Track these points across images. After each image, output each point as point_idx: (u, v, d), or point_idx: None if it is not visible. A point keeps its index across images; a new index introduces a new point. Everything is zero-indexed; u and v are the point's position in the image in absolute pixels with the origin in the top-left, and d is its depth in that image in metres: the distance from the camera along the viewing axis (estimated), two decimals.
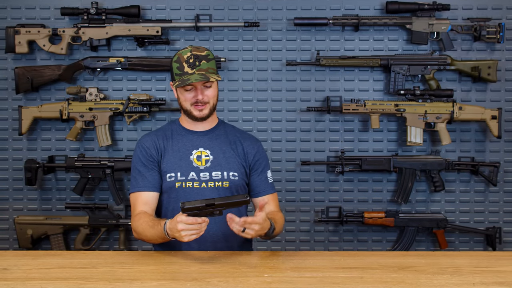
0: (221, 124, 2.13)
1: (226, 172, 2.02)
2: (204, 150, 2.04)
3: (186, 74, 1.95)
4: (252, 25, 2.98)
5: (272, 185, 2.12)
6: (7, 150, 3.13)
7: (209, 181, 2.00)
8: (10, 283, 1.58)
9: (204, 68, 1.95)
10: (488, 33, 2.97)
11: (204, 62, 1.96)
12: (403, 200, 3.04)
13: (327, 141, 3.11)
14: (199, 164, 2.02)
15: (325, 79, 3.09)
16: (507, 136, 3.09)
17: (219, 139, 2.07)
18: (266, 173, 2.11)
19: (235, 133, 2.12)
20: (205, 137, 2.06)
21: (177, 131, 2.08)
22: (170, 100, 3.09)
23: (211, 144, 2.05)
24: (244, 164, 2.07)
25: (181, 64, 1.96)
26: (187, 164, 2.01)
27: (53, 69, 3.02)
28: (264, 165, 2.11)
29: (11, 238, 3.15)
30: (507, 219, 3.12)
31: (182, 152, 2.03)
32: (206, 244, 1.97)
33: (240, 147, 2.08)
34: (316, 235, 3.14)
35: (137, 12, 2.98)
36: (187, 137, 2.06)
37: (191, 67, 1.94)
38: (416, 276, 1.65)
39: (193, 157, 2.02)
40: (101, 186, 3.11)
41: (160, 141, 2.05)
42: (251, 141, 2.12)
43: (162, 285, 1.57)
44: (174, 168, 2.01)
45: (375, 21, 2.99)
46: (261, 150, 2.13)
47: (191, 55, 1.96)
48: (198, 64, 1.94)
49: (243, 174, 2.06)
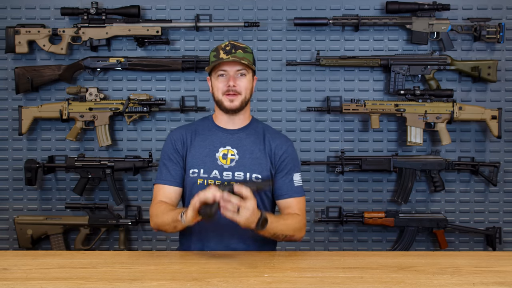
0: (254, 123, 2.09)
1: (249, 174, 1.98)
2: (231, 148, 2.01)
3: (220, 60, 1.94)
4: (252, 25, 2.98)
5: (298, 189, 2.03)
6: (7, 150, 3.13)
7: (231, 181, 1.96)
8: (10, 283, 1.58)
9: (239, 56, 1.94)
10: (488, 33, 2.97)
11: (241, 52, 1.96)
12: (403, 200, 3.04)
13: (327, 141, 3.11)
14: (224, 163, 1.99)
15: (325, 79, 3.09)
16: (507, 136, 3.09)
17: (249, 139, 2.03)
18: (291, 176, 2.02)
19: (267, 132, 2.07)
20: (235, 135, 2.03)
21: (207, 127, 2.07)
22: (170, 100, 3.09)
23: (239, 143, 2.02)
24: (271, 166, 2.01)
25: (218, 52, 1.96)
26: (212, 161, 1.99)
27: (53, 69, 3.02)
28: (290, 167, 2.03)
29: (11, 238, 3.15)
30: (507, 219, 3.12)
31: (208, 149, 2.01)
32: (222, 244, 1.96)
33: (268, 147, 2.03)
34: (316, 235, 3.14)
35: (137, 12, 2.98)
36: (216, 134, 2.04)
37: (226, 53, 1.94)
38: (416, 276, 1.64)
39: (218, 155, 2.00)
40: (101, 186, 3.11)
41: (188, 136, 2.04)
42: (281, 141, 2.06)
43: (162, 285, 1.57)
44: (198, 164, 1.99)
45: (375, 21, 2.99)
46: (290, 151, 2.05)
47: (228, 44, 1.97)
48: (234, 52, 1.94)
49: (268, 177, 2.00)
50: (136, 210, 3.06)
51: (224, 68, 1.95)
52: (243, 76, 1.97)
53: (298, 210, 2.01)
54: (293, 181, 2.02)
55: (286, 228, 1.89)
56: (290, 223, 1.92)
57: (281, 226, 1.87)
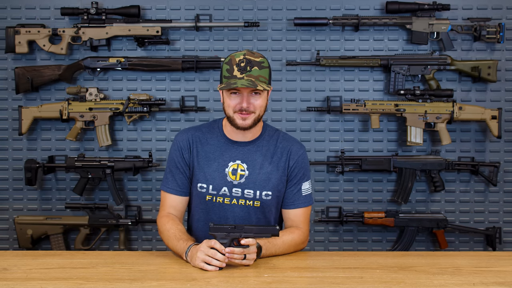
0: (265, 133, 2.00)
1: (259, 192, 1.94)
2: (241, 163, 1.95)
3: (234, 77, 1.83)
4: (252, 25, 2.98)
5: (306, 198, 2.00)
6: (7, 150, 3.13)
7: (240, 198, 1.94)
8: (10, 283, 1.58)
9: (254, 74, 1.83)
10: (488, 33, 2.97)
11: (256, 69, 1.83)
12: (403, 200, 3.04)
13: (327, 141, 3.11)
14: (233, 179, 1.94)
15: (325, 79, 3.09)
16: (507, 136, 3.09)
17: (259, 152, 1.97)
18: (300, 185, 1.99)
19: (279, 143, 2.00)
20: (245, 148, 1.97)
21: (216, 137, 1.99)
22: (170, 100, 3.09)
23: (249, 157, 1.96)
24: (282, 176, 1.97)
25: (231, 67, 1.84)
26: (221, 177, 1.94)
27: (53, 69, 3.01)
28: (300, 176, 1.99)
29: (11, 238, 3.15)
30: (507, 219, 3.12)
31: (217, 163, 1.95)
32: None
33: (280, 159, 1.97)
34: (316, 235, 3.14)
35: (137, 12, 2.98)
36: (226, 146, 1.97)
37: (241, 71, 1.82)
38: (416, 276, 1.65)
39: (228, 170, 1.95)
40: (101, 186, 3.11)
41: (195, 144, 1.98)
42: (294, 149, 1.99)
43: (162, 285, 1.57)
44: (206, 179, 1.95)
45: (375, 21, 2.99)
46: (301, 160, 2.00)
47: (243, 59, 1.84)
48: (249, 70, 1.82)
49: (279, 191, 1.97)
50: (136, 210, 3.06)
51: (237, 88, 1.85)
52: (258, 94, 1.87)
53: (303, 221, 2.00)
54: (301, 190, 2.00)
55: (286, 247, 1.90)
56: (289, 241, 1.91)
57: (279, 248, 1.87)
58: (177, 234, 1.85)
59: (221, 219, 1.96)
